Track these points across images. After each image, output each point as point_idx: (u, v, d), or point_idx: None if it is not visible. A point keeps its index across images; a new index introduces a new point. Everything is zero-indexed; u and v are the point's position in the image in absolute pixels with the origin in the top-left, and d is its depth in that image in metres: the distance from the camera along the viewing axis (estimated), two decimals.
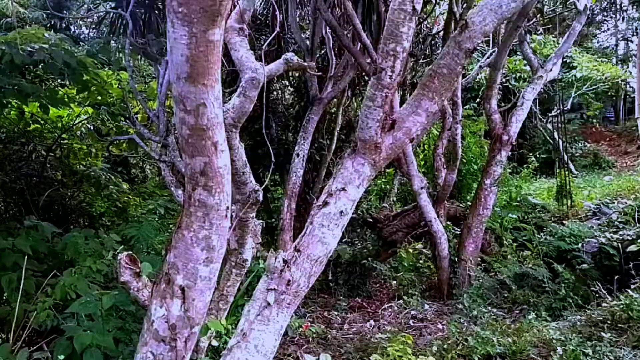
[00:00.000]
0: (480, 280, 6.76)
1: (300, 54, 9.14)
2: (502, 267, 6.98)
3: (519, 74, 12.83)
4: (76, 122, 9.14)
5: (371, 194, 11.56)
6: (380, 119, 2.95)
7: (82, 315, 4.96)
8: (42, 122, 8.78)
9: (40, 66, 7.11)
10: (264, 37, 10.45)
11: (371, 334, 6.14)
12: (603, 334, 4.54)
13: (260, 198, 3.72)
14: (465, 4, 7.44)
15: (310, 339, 6.18)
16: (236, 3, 3.71)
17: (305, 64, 3.46)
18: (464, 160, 10.07)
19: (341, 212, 2.92)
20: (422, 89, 3.07)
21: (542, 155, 12.96)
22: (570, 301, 5.60)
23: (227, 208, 2.09)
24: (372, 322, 6.82)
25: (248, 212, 3.69)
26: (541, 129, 14.59)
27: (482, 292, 6.50)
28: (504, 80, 13.04)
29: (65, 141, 9.17)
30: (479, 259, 7.67)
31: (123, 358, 4.43)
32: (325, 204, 2.94)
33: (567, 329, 4.80)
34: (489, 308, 6.06)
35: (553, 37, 12.93)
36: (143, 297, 2.44)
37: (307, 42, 8.34)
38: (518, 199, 9.46)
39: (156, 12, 8.74)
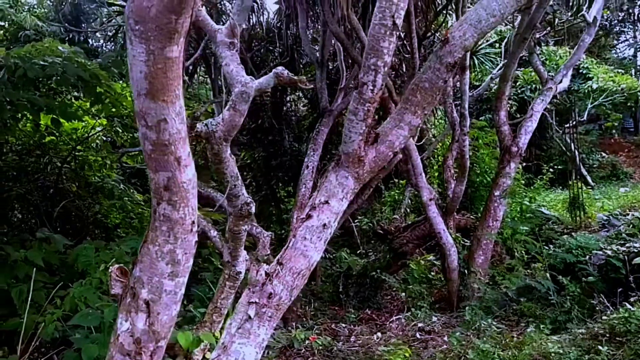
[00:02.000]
0: (485, 293, 6.68)
1: (312, 66, 9.24)
2: (506, 280, 6.89)
3: (534, 85, 12.72)
4: (91, 134, 9.34)
5: (385, 206, 11.54)
6: (363, 132, 2.97)
7: (92, 327, 5.04)
8: (57, 134, 8.97)
9: (53, 79, 7.28)
10: (277, 49, 10.60)
11: (377, 347, 6.12)
12: (600, 347, 4.48)
13: (253, 211, 3.74)
14: None
15: (316, 351, 6.17)
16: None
17: (296, 78, 3.47)
18: (477, 172, 10.00)
19: (324, 225, 2.94)
20: (404, 103, 3.08)
21: (558, 167, 12.78)
22: (575, 314, 5.53)
23: (193, 222, 2.12)
24: (379, 334, 6.78)
25: (240, 225, 3.72)
26: (557, 140, 14.43)
27: (487, 305, 6.42)
28: (519, 91, 12.98)
29: (80, 153, 9.36)
30: (489, 271, 7.59)
31: None
32: (309, 217, 2.96)
33: (567, 342, 4.74)
34: (492, 321, 5.97)
35: (569, 48, 12.80)
36: None
37: (318, 55, 8.41)
38: (531, 210, 9.33)
39: None
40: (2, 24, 11.24)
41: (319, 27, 8.90)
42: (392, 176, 11.01)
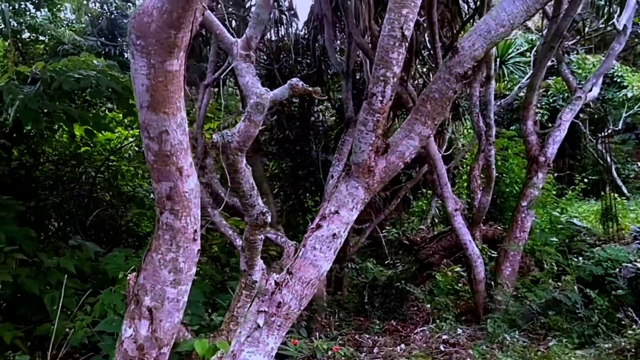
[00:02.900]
0: (509, 305, 6.56)
1: (340, 77, 9.29)
2: (529, 292, 6.75)
3: (566, 94, 12.43)
4: (124, 144, 9.62)
5: (413, 216, 11.47)
6: (373, 142, 2.98)
7: (119, 333, 5.15)
8: (91, 144, 9.27)
9: (87, 92, 7.53)
10: (305, 60, 10.71)
11: (400, 358, 6.07)
12: None
13: (268, 220, 3.79)
14: None
15: None
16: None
17: (311, 89, 3.52)
18: (506, 182, 9.84)
19: (334, 234, 2.95)
20: (415, 114, 3.09)
21: (592, 177, 12.45)
22: (603, 328, 5.37)
23: (195, 231, 2.17)
24: (402, 345, 6.72)
25: (256, 234, 3.77)
26: (591, 149, 14.06)
27: (511, 317, 6.30)
28: (551, 100, 12.73)
29: (114, 163, 9.64)
30: (516, 283, 7.45)
31: None
32: (319, 226, 2.98)
33: (592, 357, 4.61)
34: (518, 334, 5.85)
35: (602, 56, 12.48)
36: None
37: (344, 65, 8.46)
38: (561, 221, 9.12)
39: (199, 38, 9.14)
40: (43, 38, 11.65)
41: (345, 38, 8.97)
42: (420, 186, 10.94)
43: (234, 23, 8.75)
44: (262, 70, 10.24)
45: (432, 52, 8.09)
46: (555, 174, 11.05)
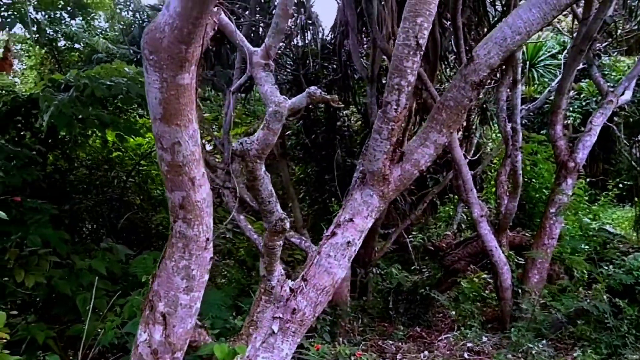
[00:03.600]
0: (534, 313, 6.44)
1: (365, 82, 9.30)
2: (557, 301, 6.61)
3: (599, 97, 12.09)
4: (153, 149, 9.83)
5: (440, 221, 11.36)
6: (388, 151, 2.99)
7: None
8: (122, 149, 9.51)
9: (119, 98, 7.74)
10: (332, 65, 10.74)
11: None
12: None
13: (287, 226, 3.82)
14: None
15: None
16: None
17: (328, 97, 3.55)
18: (536, 187, 9.67)
19: (348, 242, 2.97)
20: (430, 122, 3.09)
21: (627, 182, 12.10)
22: (631, 338, 5.23)
23: (207, 240, 2.22)
24: (426, 352, 6.69)
25: (275, 240, 3.81)
26: (626, 154, 13.67)
27: (538, 326, 6.19)
28: (584, 103, 12.44)
29: (144, 167, 9.86)
30: (544, 291, 7.32)
31: None
32: (333, 234, 3.00)
33: None
34: (545, 343, 5.75)
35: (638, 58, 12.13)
36: None
37: (368, 70, 8.46)
38: (593, 228, 8.91)
39: (227, 45, 9.28)
40: (78, 46, 11.98)
41: (370, 43, 8.97)
42: (447, 191, 10.84)
43: (261, 30, 8.85)
44: (288, 76, 10.32)
45: (458, 56, 8.04)
46: (588, 179, 10.79)
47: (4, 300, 6.37)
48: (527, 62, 10.77)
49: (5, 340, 5.20)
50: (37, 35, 10.20)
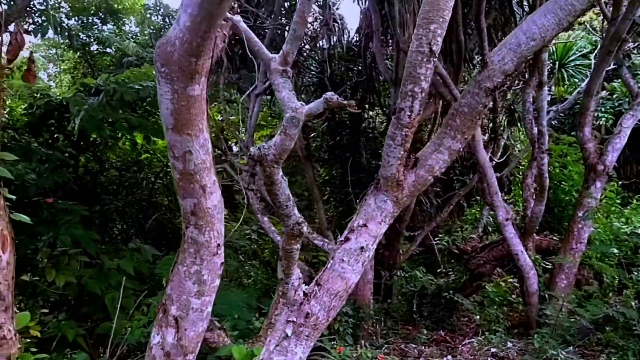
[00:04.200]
0: (558, 319, 6.33)
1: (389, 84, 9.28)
2: (584, 307, 6.48)
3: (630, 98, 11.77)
4: None
5: (466, 224, 11.24)
6: (401, 156, 3.00)
7: None
8: (151, 151, 9.71)
9: (147, 101, 7.91)
10: (357, 67, 10.75)
11: None
12: None
13: (304, 230, 3.85)
14: None
15: None
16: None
17: (345, 102, 3.57)
18: (566, 190, 9.48)
19: (362, 247, 2.99)
20: (444, 128, 3.08)
21: None
22: None
23: (218, 245, 2.28)
24: (449, 357, 6.64)
25: (292, 244, 3.85)
26: None
27: (564, 332, 6.08)
28: (616, 104, 12.13)
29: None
30: (572, 296, 7.18)
31: None
32: (347, 239, 3.03)
33: None
34: (570, 350, 5.65)
35: None
36: None
37: (392, 73, 8.44)
38: (625, 232, 8.67)
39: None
40: (109, 51, 12.27)
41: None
42: (473, 193, 10.73)
43: (286, 34, 8.91)
44: (313, 78, 10.36)
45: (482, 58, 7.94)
46: (621, 182, 10.51)
47: (35, 299, 6.59)
48: (557, 62, 10.58)
49: (35, 338, 5.38)
50: (70, 40, 10.48)
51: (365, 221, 3.04)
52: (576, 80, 10.94)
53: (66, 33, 7.38)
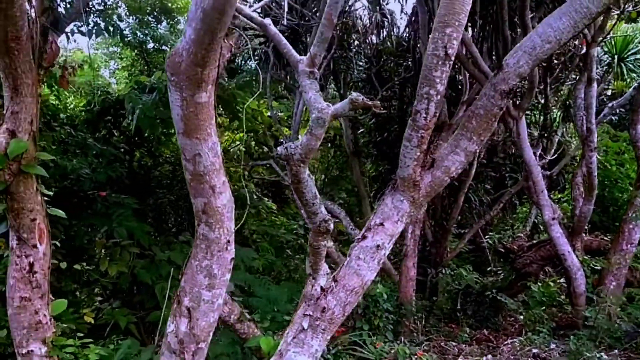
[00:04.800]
0: (599, 322, 6.13)
1: None
2: (626, 311, 6.25)
3: None
4: (231, 147, 10.29)
5: (518, 221, 10.99)
6: (418, 158, 3.04)
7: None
8: None
9: None
10: (406, 63, 10.68)
11: None
12: None
13: (331, 227, 3.94)
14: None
15: None
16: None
17: (370, 103, 3.64)
18: (622, 188, 9.10)
19: (378, 246, 3.06)
20: (461, 130, 3.09)
21: None
22: None
23: (228, 242, 2.42)
24: (489, 356, 6.58)
25: (319, 241, 3.95)
26: None
27: (609, 334, 5.89)
28: None
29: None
30: (622, 299, 6.93)
31: None
32: (364, 237, 3.10)
33: None
34: (604, 353, 5.47)
35: None
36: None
37: None
38: None
39: (300, 46, 9.51)
40: (165, 48, 12.72)
41: None
42: (524, 191, 10.45)
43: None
44: (361, 74, 10.38)
45: None
46: None
47: (91, 288, 7.00)
48: (616, 56, 10.11)
49: (89, 325, 5.74)
50: (121, 40, 10.94)
51: (382, 220, 3.10)
52: (635, 75, 10.42)
53: (118, 32, 7.71)
